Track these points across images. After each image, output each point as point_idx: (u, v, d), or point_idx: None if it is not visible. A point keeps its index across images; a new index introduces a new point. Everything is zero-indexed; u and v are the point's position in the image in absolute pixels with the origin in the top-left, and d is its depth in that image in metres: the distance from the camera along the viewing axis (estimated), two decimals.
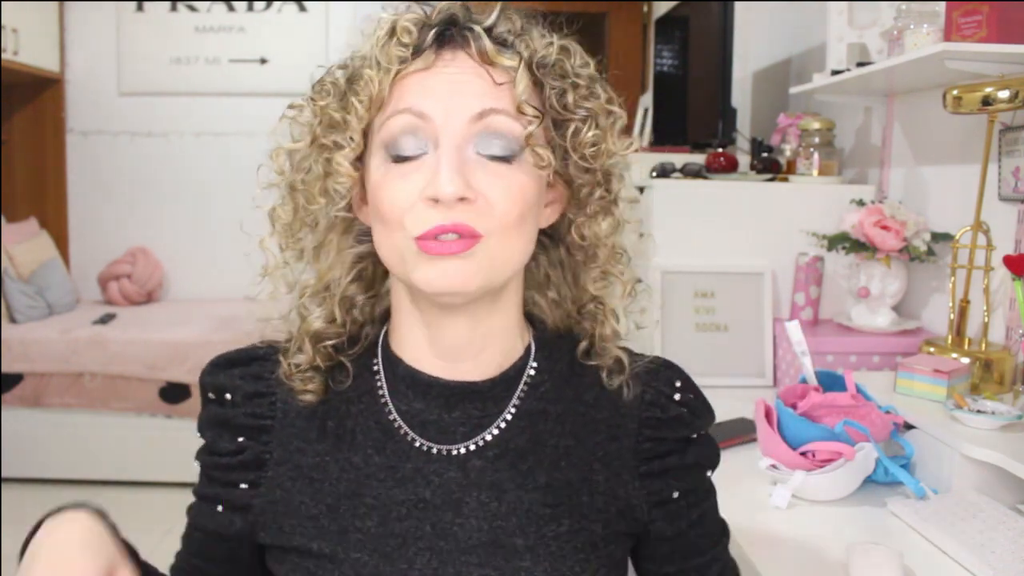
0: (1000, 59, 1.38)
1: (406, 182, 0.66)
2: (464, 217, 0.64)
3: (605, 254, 0.74)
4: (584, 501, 0.72)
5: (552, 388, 0.74)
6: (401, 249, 0.66)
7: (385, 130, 0.67)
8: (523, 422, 0.72)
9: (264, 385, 0.74)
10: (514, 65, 0.67)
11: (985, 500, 1.11)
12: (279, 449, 0.73)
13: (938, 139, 1.79)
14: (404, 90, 0.67)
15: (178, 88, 4.07)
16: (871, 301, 1.78)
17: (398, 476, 0.71)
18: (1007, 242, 1.49)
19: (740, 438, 1.43)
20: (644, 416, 0.74)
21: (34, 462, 3.28)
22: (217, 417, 0.75)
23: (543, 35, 0.71)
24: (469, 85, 0.66)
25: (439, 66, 0.67)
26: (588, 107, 0.70)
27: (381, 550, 0.69)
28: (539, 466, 0.72)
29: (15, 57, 3.54)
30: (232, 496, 0.74)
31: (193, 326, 3.45)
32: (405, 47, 0.66)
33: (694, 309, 1.88)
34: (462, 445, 0.71)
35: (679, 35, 3.09)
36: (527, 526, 0.70)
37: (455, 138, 0.65)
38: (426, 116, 0.66)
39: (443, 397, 0.72)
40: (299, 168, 0.72)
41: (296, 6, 4.07)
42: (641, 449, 0.74)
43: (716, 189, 2.01)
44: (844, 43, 1.92)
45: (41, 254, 3.82)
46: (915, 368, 1.37)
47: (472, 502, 0.70)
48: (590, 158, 0.70)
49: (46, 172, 4.08)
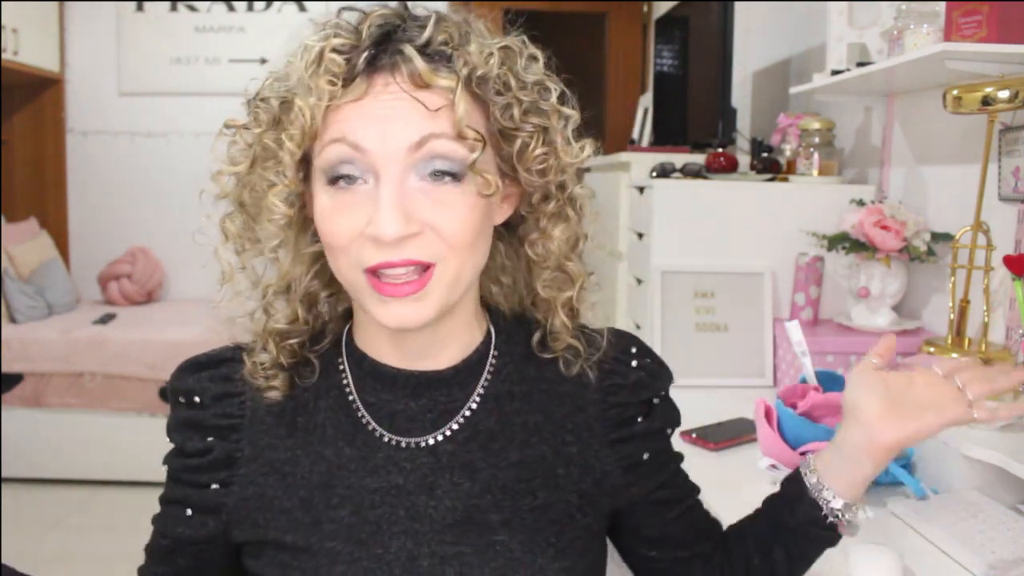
0: (1000, 59, 1.38)
1: (347, 215, 0.64)
2: (412, 252, 0.63)
3: (554, 258, 0.73)
4: (559, 473, 0.73)
5: (515, 370, 0.75)
6: (351, 279, 0.66)
7: (322, 158, 0.65)
8: (490, 405, 0.73)
9: (232, 386, 0.74)
10: (451, 86, 0.63)
11: (985, 500, 1.11)
12: (249, 447, 0.73)
13: (938, 139, 1.79)
14: (338, 118, 0.64)
15: (178, 88, 4.07)
16: (871, 301, 1.78)
17: (370, 466, 0.72)
18: (1007, 242, 1.49)
19: (740, 438, 1.43)
20: (605, 385, 0.76)
21: (34, 462, 3.28)
22: (186, 420, 0.75)
23: (481, 44, 0.65)
24: (405, 113, 0.63)
25: (371, 95, 0.63)
26: (535, 122, 0.67)
27: (355, 537, 0.70)
28: (510, 445, 0.73)
29: (15, 57, 3.54)
30: (203, 498, 0.74)
31: (193, 326, 3.45)
32: (336, 76, 0.63)
33: (694, 309, 1.88)
34: (431, 436, 0.72)
35: (679, 35, 3.09)
36: (502, 501, 0.71)
37: (394, 170, 0.62)
38: (361, 148, 0.63)
39: (409, 387, 0.73)
40: (245, 184, 0.70)
41: (296, 6, 4.07)
42: (607, 416, 0.75)
43: (716, 189, 2.01)
44: (844, 43, 1.92)
45: (41, 254, 3.82)
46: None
47: (445, 484, 0.71)
48: (538, 174, 0.69)
49: (46, 172, 4.08)
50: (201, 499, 0.74)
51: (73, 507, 3.08)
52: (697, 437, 1.42)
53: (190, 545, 0.75)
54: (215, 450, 0.73)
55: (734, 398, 1.61)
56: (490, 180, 0.65)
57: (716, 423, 1.48)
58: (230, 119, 0.72)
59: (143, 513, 0.82)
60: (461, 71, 0.64)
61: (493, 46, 0.66)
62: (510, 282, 0.79)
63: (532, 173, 0.69)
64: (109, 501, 3.15)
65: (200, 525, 0.74)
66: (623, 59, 4.24)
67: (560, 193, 0.72)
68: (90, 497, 3.16)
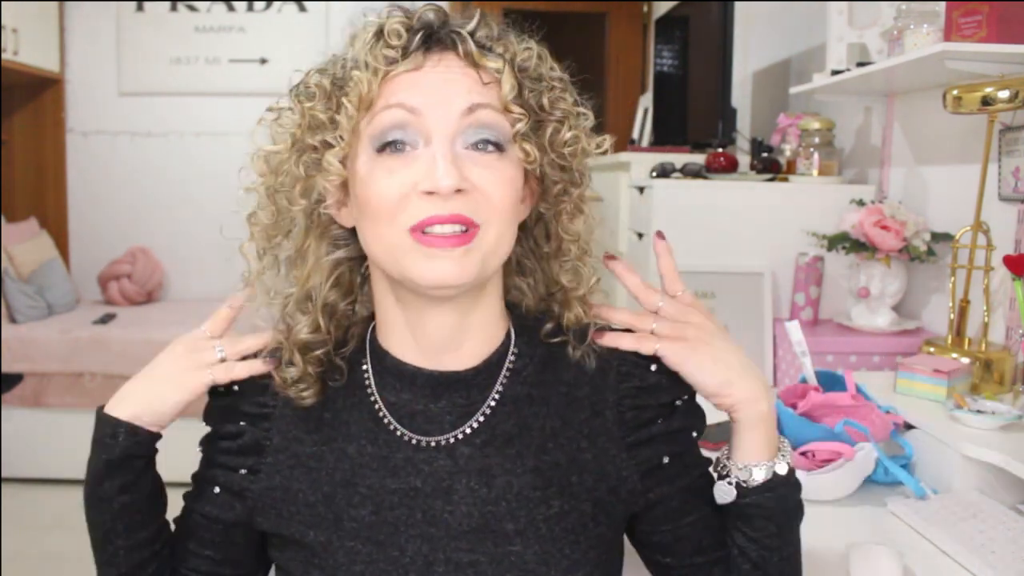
0: (1000, 59, 1.38)
1: (397, 176, 0.67)
2: (461, 207, 0.66)
3: (576, 249, 0.76)
4: (573, 481, 0.73)
5: (533, 372, 0.76)
6: (393, 244, 0.67)
7: (374, 125, 0.68)
8: (508, 407, 0.74)
9: (266, 377, 0.76)
10: (498, 67, 0.69)
11: (985, 500, 1.11)
12: (278, 436, 0.75)
13: (938, 139, 1.79)
14: (393, 88, 0.68)
15: (178, 88, 4.06)
16: (871, 301, 1.78)
17: (390, 466, 0.73)
18: (1007, 242, 1.49)
19: None
20: (622, 388, 0.75)
21: (34, 462, 3.27)
22: (224, 405, 0.78)
23: (520, 39, 0.73)
24: (458, 83, 0.68)
25: (427, 67, 0.68)
26: (563, 108, 0.72)
27: (374, 538, 0.71)
28: (527, 450, 0.73)
29: (15, 57, 3.54)
30: (231, 480, 0.76)
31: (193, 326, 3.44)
32: (393, 49, 0.68)
33: None
34: (450, 435, 0.73)
35: (679, 35, 3.09)
36: (517, 510, 0.71)
37: (447, 132, 0.67)
38: (417, 111, 0.67)
39: (428, 387, 0.73)
40: (279, 171, 0.72)
41: (296, 6, 4.07)
42: (624, 420, 0.75)
43: (716, 189, 2.01)
44: (844, 43, 1.92)
45: (41, 254, 3.82)
46: (915, 368, 1.37)
47: (462, 489, 0.71)
48: (568, 156, 0.73)
49: (46, 172, 4.08)
50: (228, 481, 0.76)
51: (73, 507, 3.07)
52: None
53: (214, 523, 0.77)
54: (246, 435, 0.76)
55: None
56: (530, 150, 0.69)
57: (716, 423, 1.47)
58: (273, 104, 0.74)
59: None
60: (505, 56, 0.70)
61: (531, 43, 0.73)
62: (531, 281, 0.80)
63: (562, 158, 0.72)
64: None
65: (226, 506, 0.76)
66: (623, 59, 4.23)
67: (578, 188, 0.75)
68: None
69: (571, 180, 0.74)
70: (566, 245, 0.76)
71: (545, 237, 0.77)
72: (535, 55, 0.72)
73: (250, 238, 0.75)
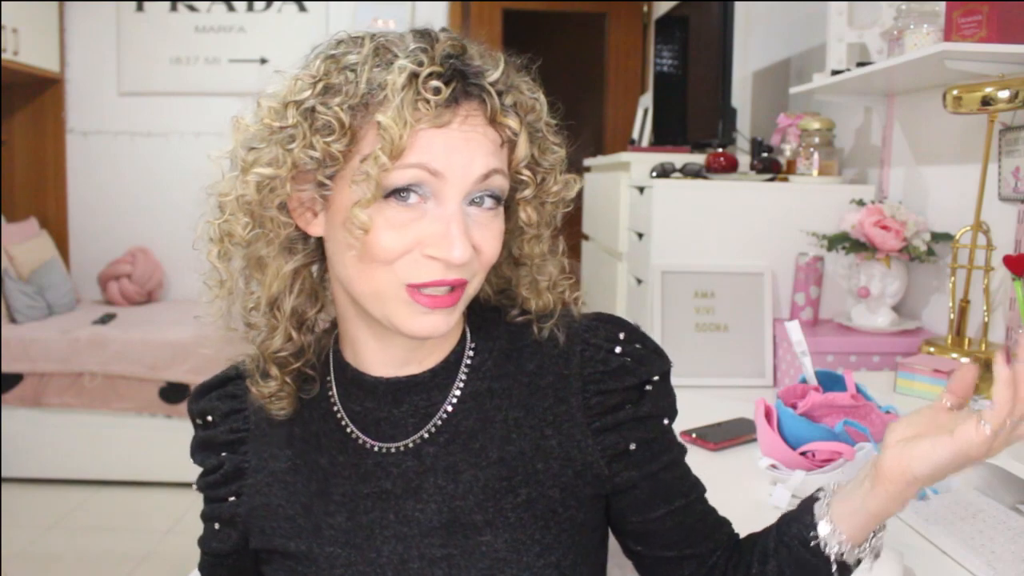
0: (1000, 59, 1.38)
1: (404, 231, 0.65)
2: (461, 273, 0.67)
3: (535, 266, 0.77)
4: (539, 468, 0.74)
5: (494, 365, 0.76)
6: (383, 290, 0.67)
7: (390, 178, 0.64)
8: (469, 404, 0.75)
9: (237, 403, 0.79)
10: (516, 128, 0.69)
11: (985, 500, 1.11)
12: (255, 457, 0.78)
13: (938, 139, 1.79)
14: (418, 143, 0.65)
15: (178, 88, 4.07)
16: (871, 301, 1.78)
17: (361, 472, 0.75)
18: (1007, 242, 1.49)
19: (740, 438, 1.43)
20: (586, 372, 0.75)
21: (34, 462, 3.28)
22: (202, 440, 0.82)
23: (529, 87, 0.72)
24: (480, 146, 0.67)
25: (455, 124, 0.66)
26: (552, 159, 0.74)
27: (352, 542, 0.73)
28: (491, 443, 0.74)
29: (15, 57, 3.54)
30: (223, 511, 0.80)
31: (193, 326, 3.45)
32: (428, 102, 0.64)
33: (694, 309, 1.88)
34: (415, 437, 0.74)
35: (679, 35, 3.09)
36: (485, 502, 0.72)
37: (460, 196, 0.67)
38: (440, 174, 0.66)
39: (390, 394, 0.75)
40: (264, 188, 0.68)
41: (296, 6, 4.07)
42: (590, 405, 0.75)
43: (716, 189, 2.01)
44: (844, 43, 1.92)
45: (41, 254, 3.82)
46: (915, 368, 1.37)
47: (430, 487, 0.73)
48: (551, 206, 0.75)
49: (46, 172, 4.08)
50: (221, 512, 0.80)
51: (73, 507, 3.08)
52: (697, 437, 1.42)
53: (224, 558, 0.81)
54: (226, 464, 0.79)
55: (734, 398, 1.61)
56: (530, 215, 0.73)
57: (716, 423, 1.48)
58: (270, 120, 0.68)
59: (143, 513, 0.85)
60: (521, 114, 0.70)
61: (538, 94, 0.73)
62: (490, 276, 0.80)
63: (544, 206, 0.75)
64: (109, 501, 3.14)
65: (226, 538, 0.80)
66: (623, 59, 4.23)
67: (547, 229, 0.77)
68: (90, 497, 3.16)
69: (544, 222, 0.76)
70: (523, 259, 0.78)
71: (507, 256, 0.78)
72: (540, 107, 0.73)
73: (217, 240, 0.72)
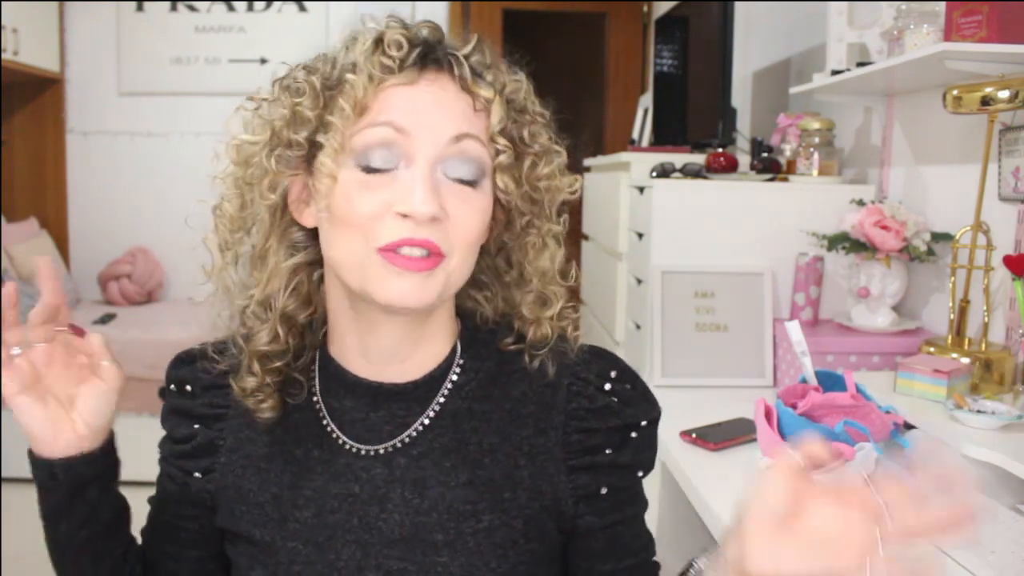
0: (1000, 59, 1.38)
1: (375, 194, 0.67)
2: (432, 235, 0.66)
3: (538, 280, 0.76)
4: (506, 497, 0.73)
5: (478, 387, 0.76)
6: (360, 258, 0.67)
7: (359, 139, 0.67)
8: (446, 421, 0.74)
9: (222, 377, 0.77)
10: (490, 96, 0.69)
11: (985, 500, 1.11)
12: (231, 437, 0.77)
13: (938, 139, 1.79)
14: (385, 102, 0.67)
15: (178, 88, 4.07)
16: (871, 301, 1.78)
17: (332, 471, 0.74)
18: (1007, 242, 1.49)
19: (740, 438, 1.43)
20: (570, 408, 0.74)
21: None
22: (177, 407, 0.80)
23: (511, 69, 0.74)
24: (450, 107, 0.68)
25: (423, 84, 0.68)
26: (542, 143, 0.73)
27: (314, 540, 0.72)
28: (462, 464, 0.73)
29: (15, 57, 3.54)
30: (189, 483, 0.78)
31: (193, 326, 3.43)
32: (391, 59, 0.67)
33: (694, 309, 1.88)
34: (387, 444, 0.74)
35: (679, 35, 3.09)
36: (447, 522, 0.72)
37: (430, 156, 0.67)
38: (406, 131, 0.67)
39: (369, 396, 0.74)
40: (250, 162, 0.72)
41: (296, 6, 4.07)
42: (570, 442, 0.74)
43: (716, 189, 2.01)
44: (844, 43, 1.92)
45: (41, 254, 3.82)
46: (915, 368, 1.37)
47: (396, 498, 0.73)
48: (542, 190, 0.74)
49: (46, 172, 4.08)
50: (187, 483, 0.78)
51: None
52: (697, 437, 1.42)
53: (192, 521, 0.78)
54: (199, 436, 0.78)
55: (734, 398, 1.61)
56: (507, 184, 0.71)
57: (716, 423, 1.48)
58: (252, 93, 0.74)
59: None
60: (496, 85, 0.71)
61: (519, 75, 0.74)
62: (488, 294, 0.80)
63: (535, 191, 0.73)
64: None
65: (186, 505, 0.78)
66: (623, 59, 4.23)
67: (547, 223, 0.76)
68: None
69: (539, 214, 0.75)
70: (528, 275, 0.76)
71: (506, 266, 0.78)
72: (523, 88, 0.73)
73: (214, 230, 0.75)
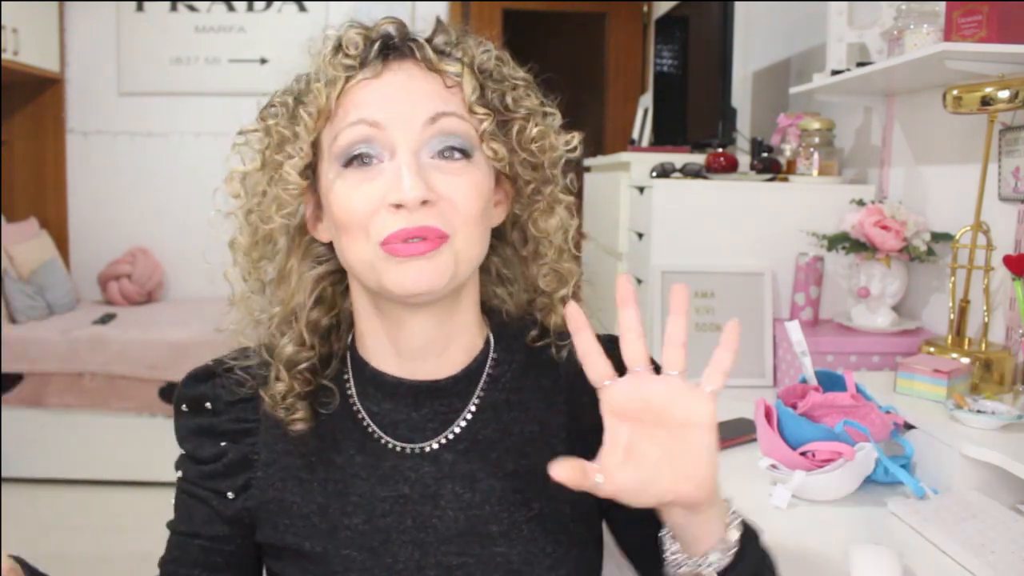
0: (1000, 59, 1.38)
1: (364, 189, 0.67)
2: (428, 220, 0.66)
3: (553, 251, 0.76)
4: (551, 484, 0.72)
5: (512, 378, 0.77)
6: (368, 256, 0.68)
7: (338, 143, 0.68)
8: (488, 414, 0.75)
9: (246, 391, 0.75)
10: (458, 71, 0.69)
11: (985, 500, 1.11)
12: (265, 451, 0.75)
13: (938, 139, 1.79)
14: (354, 101, 0.68)
15: (178, 88, 4.07)
16: (871, 301, 1.78)
17: (379, 474, 0.74)
18: (1007, 242, 1.49)
19: (740, 438, 1.43)
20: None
21: (34, 462, 3.28)
22: (198, 427, 0.77)
23: (479, 43, 0.73)
24: (419, 91, 0.68)
25: (387, 75, 0.69)
26: (527, 106, 0.73)
27: (368, 545, 0.72)
28: (507, 454, 0.74)
29: (15, 57, 3.54)
30: (223, 504, 0.75)
31: (193, 326, 3.45)
32: (351, 59, 0.68)
33: (694, 309, 1.88)
34: (432, 441, 0.74)
35: (679, 35, 3.09)
36: (500, 512, 0.72)
37: (410, 144, 0.67)
38: (380, 124, 0.67)
39: (410, 396, 0.74)
40: (253, 192, 0.73)
41: (296, 6, 4.07)
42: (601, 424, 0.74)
43: (716, 189, 2.01)
44: (844, 43, 1.92)
45: (41, 254, 3.82)
46: (915, 368, 1.37)
47: (448, 494, 0.73)
48: (537, 152, 0.73)
49: (46, 172, 4.08)
50: (220, 505, 0.75)
51: (73, 507, 3.08)
52: None
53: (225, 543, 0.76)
54: (229, 453, 0.75)
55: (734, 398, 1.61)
56: (497, 149, 0.70)
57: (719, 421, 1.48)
58: (244, 127, 0.74)
59: (143, 513, 0.83)
60: (464, 59, 0.70)
61: (489, 45, 0.73)
62: (511, 289, 0.80)
63: (532, 155, 0.73)
64: (109, 501, 3.14)
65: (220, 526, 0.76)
66: (623, 59, 4.23)
67: (551, 187, 0.75)
68: (90, 497, 3.16)
69: (543, 178, 0.75)
70: (543, 248, 0.76)
71: (522, 241, 0.78)
72: (494, 56, 0.73)
73: (233, 264, 0.75)
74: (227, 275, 0.76)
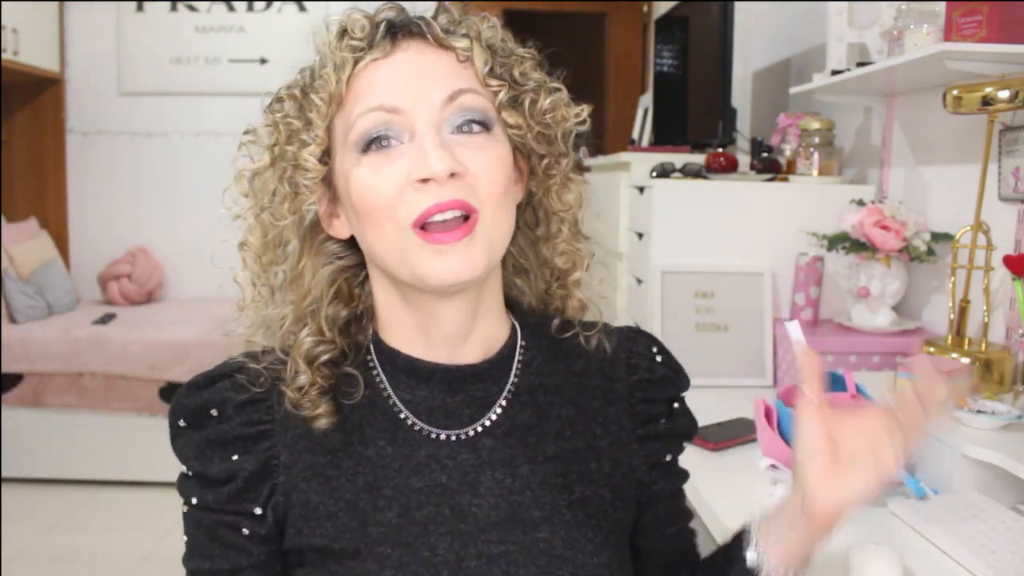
0: (1000, 59, 1.38)
1: (387, 172, 0.66)
2: (458, 192, 0.65)
3: (568, 229, 0.76)
4: (592, 467, 0.74)
5: (543, 363, 0.76)
6: (398, 242, 0.66)
7: (355, 130, 0.67)
8: (524, 398, 0.74)
9: (255, 392, 0.71)
10: (467, 46, 0.68)
11: (985, 500, 1.11)
12: (285, 452, 0.70)
13: (938, 139, 1.79)
14: (368, 86, 0.67)
15: (178, 88, 4.07)
16: (871, 301, 1.78)
17: (413, 464, 0.70)
18: (1007, 242, 1.49)
19: (740, 438, 1.43)
20: (633, 380, 0.77)
21: (34, 462, 3.28)
22: (204, 439, 0.70)
23: (483, 18, 0.73)
24: (433, 70, 0.68)
25: (398, 54, 0.68)
26: (536, 78, 0.72)
27: (403, 540, 0.68)
28: (546, 438, 0.73)
29: (15, 57, 3.54)
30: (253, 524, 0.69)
31: (193, 326, 3.45)
32: (359, 40, 0.68)
33: (694, 309, 1.88)
34: (470, 428, 0.72)
35: (679, 35, 3.08)
36: (542, 497, 0.71)
37: (431, 123, 0.66)
38: (398, 109, 0.66)
39: (445, 382, 0.72)
40: (263, 191, 0.72)
41: (296, 6, 4.07)
42: (636, 411, 0.77)
43: (716, 189, 2.01)
44: (844, 43, 1.92)
45: (41, 254, 3.82)
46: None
47: (487, 481, 0.71)
48: (552, 124, 0.72)
49: (46, 172, 4.08)
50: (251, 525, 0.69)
51: (73, 507, 3.08)
52: (697, 437, 1.42)
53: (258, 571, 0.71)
54: (246, 464, 0.69)
55: (734, 398, 1.61)
56: (515, 119, 0.69)
57: (716, 423, 1.48)
58: (250, 125, 0.74)
59: (143, 513, 0.82)
60: (471, 35, 0.70)
61: (491, 19, 0.73)
62: (531, 278, 0.80)
63: (545, 127, 0.72)
64: (109, 501, 3.14)
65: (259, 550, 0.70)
66: (623, 59, 4.24)
67: (565, 160, 0.75)
68: (90, 497, 3.16)
69: (558, 152, 0.74)
70: (555, 225, 0.76)
71: (535, 222, 0.77)
72: (499, 32, 0.72)
73: (243, 267, 0.73)
74: (237, 278, 0.74)
